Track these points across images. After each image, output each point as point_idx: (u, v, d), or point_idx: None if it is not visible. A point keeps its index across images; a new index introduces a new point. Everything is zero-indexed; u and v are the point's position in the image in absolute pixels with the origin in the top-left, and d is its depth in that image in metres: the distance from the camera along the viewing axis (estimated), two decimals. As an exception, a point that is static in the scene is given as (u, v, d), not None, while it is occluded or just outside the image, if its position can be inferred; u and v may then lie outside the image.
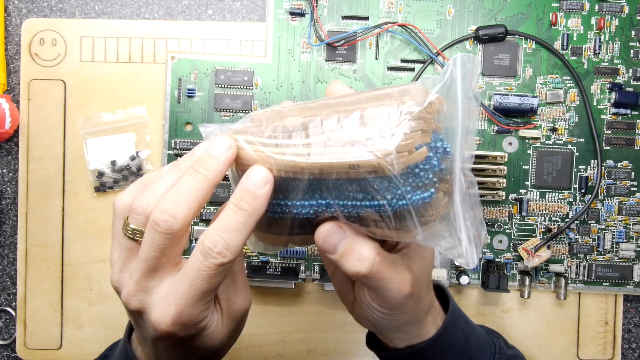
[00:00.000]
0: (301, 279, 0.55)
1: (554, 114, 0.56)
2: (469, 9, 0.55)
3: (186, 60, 0.55)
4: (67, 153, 0.56)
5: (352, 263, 0.34)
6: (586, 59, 0.56)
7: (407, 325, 0.40)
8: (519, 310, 0.57)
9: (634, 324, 0.59)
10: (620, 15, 0.56)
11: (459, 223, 0.32)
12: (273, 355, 0.57)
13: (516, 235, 0.56)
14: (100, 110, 0.56)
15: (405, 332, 0.41)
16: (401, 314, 0.38)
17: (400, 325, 0.40)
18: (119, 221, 0.34)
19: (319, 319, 0.57)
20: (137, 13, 0.57)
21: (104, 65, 0.56)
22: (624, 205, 0.56)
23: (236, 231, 0.31)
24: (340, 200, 0.32)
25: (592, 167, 0.56)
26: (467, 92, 0.31)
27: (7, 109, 0.53)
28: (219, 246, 0.31)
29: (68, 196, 0.56)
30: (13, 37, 0.57)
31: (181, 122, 0.55)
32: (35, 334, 0.56)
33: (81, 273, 0.56)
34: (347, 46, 0.55)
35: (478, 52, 0.56)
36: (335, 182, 0.31)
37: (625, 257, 0.56)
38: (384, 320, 0.39)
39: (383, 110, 0.31)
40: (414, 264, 0.37)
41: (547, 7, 0.56)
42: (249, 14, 0.57)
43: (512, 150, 0.56)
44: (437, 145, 0.32)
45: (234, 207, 0.32)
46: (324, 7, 0.55)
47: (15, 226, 0.57)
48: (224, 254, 0.31)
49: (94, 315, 0.56)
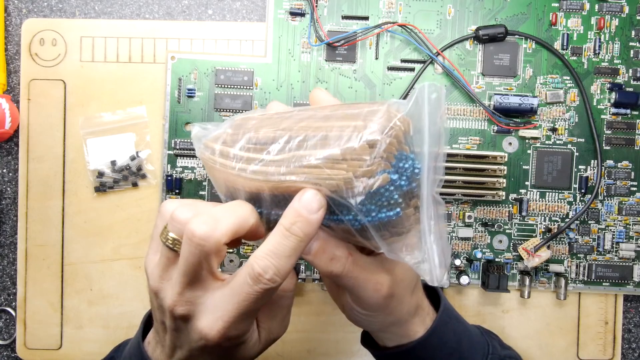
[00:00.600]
0: (301, 279, 0.55)
1: (554, 114, 0.56)
2: (469, 9, 0.55)
3: (186, 60, 0.55)
4: (67, 153, 0.56)
5: (325, 263, 0.34)
6: (586, 59, 0.56)
7: (391, 326, 0.40)
8: (519, 310, 0.57)
9: (634, 324, 0.59)
10: (620, 15, 0.56)
11: (426, 241, 0.32)
12: (273, 355, 0.57)
13: (516, 235, 0.56)
14: (100, 110, 0.56)
15: (391, 333, 0.41)
16: (382, 315, 0.39)
17: (384, 326, 0.40)
18: (161, 224, 0.34)
19: (319, 319, 0.57)
20: (137, 13, 0.57)
21: (104, 65, 0.56)
22: (624, 205, 0.56)
23: (287, 257, 0.31)
24: None
25: (592, 167, 0.56)
26: (434, 119, 0.31)
27: (7, 109, 0.53)
28: (270, 273, 0.31)
29: (68, 196, 0.56)
30: (13, 37, 0.57)
31: (181, 122, 0.55)
32: (35, 334, 0.56)
33: (81, 273, 0.56)
34: (347, 46, 0.55)
35: (478, 52, 0.56)
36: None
37: (625, 257, 0.56)
38: (366, 321, 0.40)
39: (345, 134, 0.31)
40: (396, 266, 0.38)
41: (547, 7, 0.56)
42: (249, 14, 0.57)
43: (512, 150, 0.56)
44: (405, 165, 0.32)
45: (285, 231, 0.31)
46: (324, 7, 0.55)
47: (15, 226, 0.57)
48: (274, 279, 0.31)
49: (94, 315, 0.56)
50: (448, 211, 0.56)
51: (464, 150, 0.55)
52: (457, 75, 0.55)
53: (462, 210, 0.56)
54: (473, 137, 0.56)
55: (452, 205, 0.56)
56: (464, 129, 0.56)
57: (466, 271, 0.56)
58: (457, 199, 0.56)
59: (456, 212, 0.56)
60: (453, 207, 0.56)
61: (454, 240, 0.56)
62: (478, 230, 0.56)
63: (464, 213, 0.56)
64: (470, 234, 0.56)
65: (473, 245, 0.56)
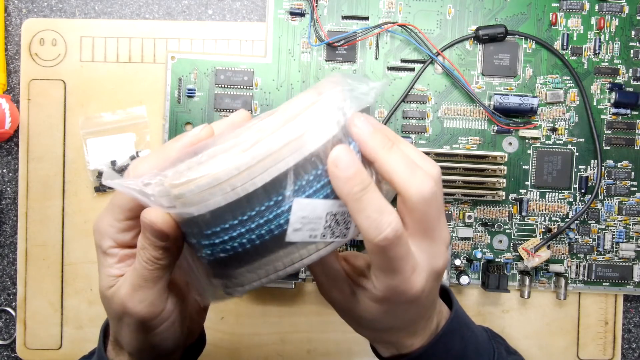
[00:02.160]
0: (301, 279, 0.55)
1: (554, 114, 0.56)
2: (469, 9, 0.55)
3: (186, 60, 0.55)
4: (67, 153, 0.56)
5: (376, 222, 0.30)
6: (586, 59, 0.56)
7: (402, 330, 0.37)
8: (519, 310, 0.57)
9: (634, 324, 0.59)
10: (620, 15, 0.56)
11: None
12: (273, 355, 0.57)
13: (516, 235, 0.56)
14: (100, 110, 0.56)
15: (397, 337, 0.38)
16: (405, 314, 0.35)
17: (399, 328, 0.37)
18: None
19: (319, 319, 0.57)
20: (137, 13, 0.57)
21: (104, 65, 0.56)
22: (624, 205, 0.56)
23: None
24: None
25: (592, 167, 0.56)
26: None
27: (7, 109, 0.53)
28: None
29: (68, 196, 0.56)
30: (13, 37, 0.57)
31: (181, 122, 0.55)
32: (35, 334, 0.56)
33: (81, 273, 0.56)
34: (347, 46, 0.55)
35: (478, 52, 0.56)
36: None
37: (625, 257, 0.56)
38: (382, 322, 0.36)
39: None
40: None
41: (547, 7, 0.56)
42: (249, 14, 0.57)
43: (512, 150, 0.56)
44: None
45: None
46: (324, 7, 0.55)
47: (15, 226, 0.57)
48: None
49: (94, 315, 0.56)
50: (448, 211, 0.56)
51: (464, 150, 0.55)
52: (457, 75, 0.55)
53: (462, 210, 0.56)
54: (473, 137, 0.56)
55: (452, 205, 0.56)
56: (464, 129, 0.56)
57: (466, 271, 0.56)
58: (457, 199, 0.56)
59: (456, 212, 0.56)
60: (453, 207, 0.56)
61: (454, 240, 0.56)
62: (478, 230, 0.56)
63: (464, 213, 0.56)
64: (470, 234, 0.56)
65: (473, 245, 0.56)
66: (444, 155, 0.54)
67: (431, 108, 0.56)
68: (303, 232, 0.31)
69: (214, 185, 0.29)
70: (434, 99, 0.56)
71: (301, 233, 0.31)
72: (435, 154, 0.54)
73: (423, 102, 0.55)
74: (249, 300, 0.57)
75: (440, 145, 0.56)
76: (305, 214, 0.31)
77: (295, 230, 0.31)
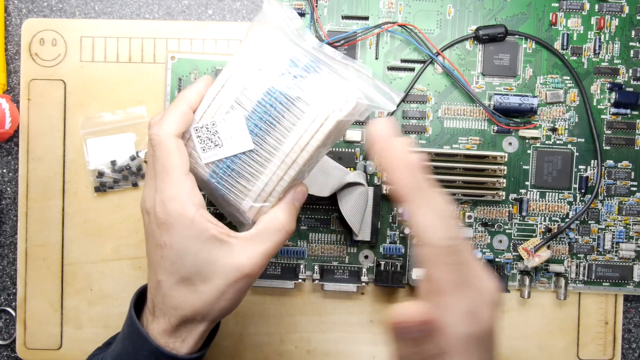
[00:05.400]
0: (301, 279, 0.55)
1: (554, 114, 0.56)
2: (469, 9, 0.55)
3: (186, 60, 0.55)
4: (67, 153, 0.56)
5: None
6: (586, 59, 0.56)
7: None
8: (519, 310, 0.57)
9: (634, 324, 0.59)
10: (620, 15, 0.56)
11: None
12: (273, 355, 0.57)
13: (516, 235, 0.56)
14: (100, 110, 0.56)
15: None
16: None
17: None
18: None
19: (319, 319, 0.57)
20: (137, 13, 0.57)
21: (104, 65, 0.56)
22: (624, 205, 0.56)
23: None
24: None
25: (592, 167, 0.56)
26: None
27: (7, 109, 0.53)
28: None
29: (68, 196, 0.56)
30: (13, 37, 0.57)
31: (181, 122, 0.55)
32: (35, 334, 0.56)
33: (81, 273, 0.56)
34: (347, 46, 0.55)
35: (478, 52, 0.56)
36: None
37: (625, 257, 0.56)
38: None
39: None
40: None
41: (547, 7, 0.56)
42: (249, 14, 0.57)
43: (512, 150, 0.56)
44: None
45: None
46: (324, 7, 0.55)
47: (15, 226, 0.57)
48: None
49: (94, 315, 0.56)
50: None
51: (464, 150, 0.55)
52: (457, 75, 0.55)
53: (462, 210, 0.56)
54: (473, 137, 0.56)
55: (452, 205, 0.56)
56: (463, 129, 0.56)
57: (466, 271, 0.56)
58: (457, 199, 0.56)
59: (456, 212, 0.56)
60: (453, 207, 0.56)
61: (454, 240, 0.56)
62: (478, 230, 0.56)
63: (464, 213, 0.56)
64: (470, 234, 0.56)
65: (473, 245, 0.56)
66: (444, 155, 0.54)
67: (431, 108, 0.56)
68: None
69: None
70: (434, 99, 0.56)
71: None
72: (435, 154, 0.54)
73: (423, 102, 0.55)
74: (249, 300, 0.57)
75: (440, 145, 0.56)
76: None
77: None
